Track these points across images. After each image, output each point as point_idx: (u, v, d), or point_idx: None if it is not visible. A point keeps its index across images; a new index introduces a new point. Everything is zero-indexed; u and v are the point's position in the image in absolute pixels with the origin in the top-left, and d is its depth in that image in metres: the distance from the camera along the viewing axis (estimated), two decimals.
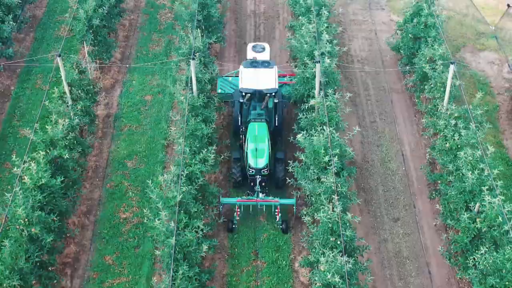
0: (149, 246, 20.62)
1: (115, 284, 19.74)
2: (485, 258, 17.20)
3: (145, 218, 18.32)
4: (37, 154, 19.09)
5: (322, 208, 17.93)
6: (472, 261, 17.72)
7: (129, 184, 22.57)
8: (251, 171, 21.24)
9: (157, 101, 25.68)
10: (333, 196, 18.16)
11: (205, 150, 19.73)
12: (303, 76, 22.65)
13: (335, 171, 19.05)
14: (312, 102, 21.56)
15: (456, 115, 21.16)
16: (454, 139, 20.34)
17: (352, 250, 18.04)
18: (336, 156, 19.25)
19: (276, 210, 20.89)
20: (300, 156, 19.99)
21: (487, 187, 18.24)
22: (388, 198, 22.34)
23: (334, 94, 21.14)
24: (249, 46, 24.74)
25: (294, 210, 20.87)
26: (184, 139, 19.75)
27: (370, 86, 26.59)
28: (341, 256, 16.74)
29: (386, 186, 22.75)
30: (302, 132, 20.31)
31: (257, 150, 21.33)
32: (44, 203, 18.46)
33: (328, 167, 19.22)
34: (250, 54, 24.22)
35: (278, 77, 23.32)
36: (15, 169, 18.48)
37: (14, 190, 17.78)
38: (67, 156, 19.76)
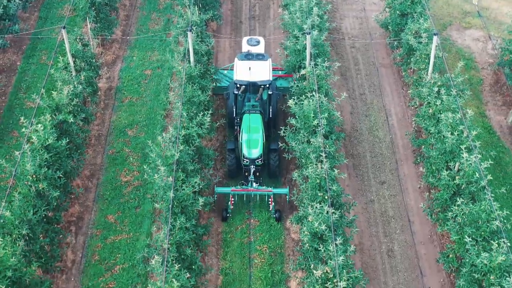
0: (148, 206, 21.85)
1: (116, 240, 20.99)
2: (462, 209, 18.48)
3: (145, 175, 19.49)
4: (43, 118, 20.34)
5: (311, 165, 19.18)
6: (450, 214, 18.99)
7: (130, 150, 23.82)
8: (245, 161, 21.72)
9: (157, 75, 26.92)
10: (321, 154, 19.40)
11: (201, 114, 20.95)
12: (295, 49, 23.91)
13: (323, 133, 20.30)
14: (303, 71, 22.80)
15: (439, 83, 22.39)
16: (436, 105, 21.59)
17: (339, 206, 19.27)
18: (325, 120, 20.52)
19: (270, 200, 21.51)
20: (291, 120, 21.23)
21: (465, 146, 19.45)
22: (375, 163, 23.60)
23: (324, 63, 22.39)
24: (244, 39, 25.28)
25: (287, 199, 21.46)
26: (181, 103, 20.98)
27: (360, 61, 27.83)
28: (327, 207, 18.01)
29: (374, 152, 24.01)
30: (293, 97, 21.58)
31: (251, 141, 21.84)
32: (51, 162, 19.70)
33: (317, 130, 20.47)
34: (245, 48, 24.66)
35: (273, 70, 24.06)
36: (23, 129, 19.70)
37: (22, 148, 19.00)
38: (72, 121, 21.01)
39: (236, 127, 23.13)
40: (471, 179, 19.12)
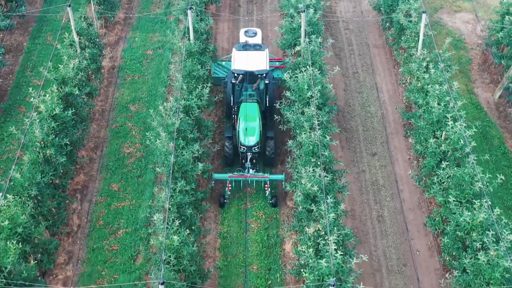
0: (150, 176, 22.90)
1: (120, 207, 22.05)
2: (447, 172, 19.55)
3: (147, 141, 20.53)
4: (50, 89, 21.41)
5: (304, 132, 20.25)
6: (436, 178, 20.05)
7: (132, 124, 24.88)
8: (242, 149, 22.24)
9: (158, 55, 27.98)
10: (314, 122, 20.47)
11: (200, 87, 22.01)
12: (291, 27, 24.98)
13: (317, 104, 21.35)
14: (298, 48, 23.86)
15: (427, 59, 23.44)
16: (424, 78, 22.65)
17: (332, 172, 20.30)
18: (318, 92, 21.57)
19: (266, 186, 22.05)
20: (286, 93, 22.28)
21: (451, 114, 20.51)
22: (367, 137, 24.66)
23: (317, 39, 23.45)
24: (242, 31, 25.85)
25: (284, 185, 21.70)
26: (182, 76, 22.05)
27: (353, 42, 28.90)
28: (320, 170, 19.06)
29: (365, 126, 25.07)
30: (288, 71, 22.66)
31: (248, 129, 22.28)
32: (58, 131, 20.77)
33: (310, 102, 21.52)
34: (243, 39, 25.29)
35: (270, 61, 24.73)
36: (32, 99, 20.75)
37: (31, 116, 20.07)
38: (77, 93, 22.08)
39: (233, 116, 23.61)
40: (456, 146, 20.18)
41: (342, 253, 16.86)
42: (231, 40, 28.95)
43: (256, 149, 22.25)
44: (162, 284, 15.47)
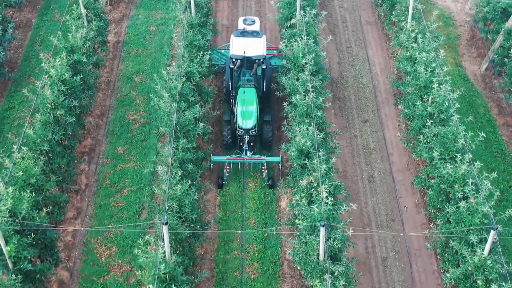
0: (154, 140, 24.21)
1: (125, 168, 23.39)
2: (431, 130, 20.88)
3: (152, 102, 21.82)
4: (60, 56, 22.72)
5: (299, 94, 21.56)
6: (422, 137, 21.37)
7: (137, 94, 26.21)
8: (240, 132, 22.82)
9: (161, 31, 29.33)
10: (307, 84, 21.78)
11: (201, 55, 23.33)
12: (287, 2, 26.29)
13: (311, 72, 22.64)
14: (293, 20, 25.16)
15: (416, 30, 24.75)
16: (413, 48, 23.97)
17: (325, 134, 21.57)
18: (312, 60, 22.87)
19: (263, 167, 22.80)
20: (282, 61, 23.60)
21: (436, 78, 21.82)
22: (359, 105, 25.98)
23: (312, 11, 24.76)
24: (240, 19, 26.60)
25: (280, 167, 22.63)
26: (183, 45, 23.38)
27: (347, 19, 30.24)
28: (312, 127, 20.37)
29: (358, 96, 26.40)
30: (284, 40, 24.00)
31: (246, 112, 22.88)
32: (67, 94, 22.08)
33: (305, 68, 22.81)
34: (241, 27, 26.07)
35: (267, 49, 25.51)
36: (43, 64, 22.07)
37: (42, 78, 21.40)
38: (85, 61, 23.40)
39: (231, 100, 24.29)
40: (442, 108, 21.49)
41: (332, 201, 18.16)
42: (230, 17, 30.27)
43: (253, 132, 22.85)
44: (165, 224, 16.75)
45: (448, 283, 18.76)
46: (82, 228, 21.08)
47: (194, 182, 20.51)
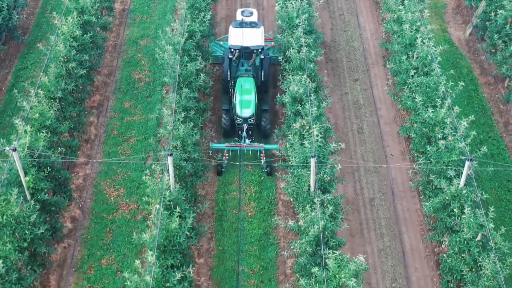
0: (158, 96, 25.93)
1: (131, 120, 25.13)
2: (415, 80, 22.62)
3: (156, 55, 23.52)
4: (71, 16, 24.43)
5: (293, 48, 23.29)
6: (406, 87, 23.11)
7: (142, 56, 27.97)
8: (238, 120, 23.28)
9: (164, 0, 31.12)
10: (301, 39, 23.50)
11: (202, 15, 25.04)
12: None
13: (304, 32, 24.35)
14: None
15: None
16: (399, 10, 25.69)
17: (317, 85, 23.26)
18: (306, 21, 24.59)
19: (261, 155, 23.23)
20: (277, 21, 25.35)
21: (420, 35, 23.55)
22: (350, 66, 27.73)
23: None
24: (238, 11, 27.40)
25: (278, 154, 22.79)
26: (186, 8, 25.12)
27: None
28: (305, 77, 22.10)
29: (349, 58, 28.15)
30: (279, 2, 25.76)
31: (245, 101, 23.34)
32: (78, 50, 23.80)
33: (299, 26, 24.48)
34: (239, 18, 26.82)
35: (265, 40, 26.02)
36: (56, 21, 23.77)
37: (55, 33, 23.14)
38: (94, 20, 25.14)
39: (230, 90, 24.72)
40: (425, 62, 23.22)
41: (323, 140, 19.87)
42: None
43: (251, 120, 23.37)
44: (170, 155, 18.45)
45: (428, 215, 20.55)
46: (95, 160, 22.86)
47: (196, 129, 22.23)
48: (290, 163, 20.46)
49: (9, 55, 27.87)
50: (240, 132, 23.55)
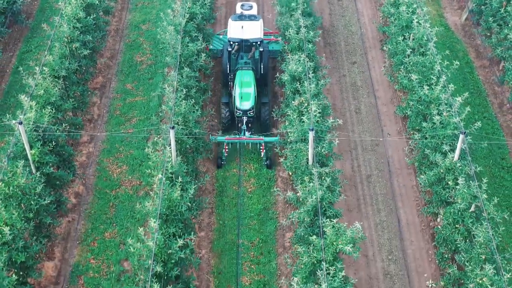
0: (159, 78, 26.44)
1: (134, 101, 25.65)
2: (411, 59, 23.14)
3: (158, 35, 24.02)
4: None
5: (291, 29, 23.81)
6: (402, 67, 23.64)
7: (144, 39, 28.49)
8: (238, 113, 23.29)
9: None
10: (299, 19, 24.03)
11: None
12: None
13: (303, 13, 24.86)
14: None
15: None
16: None
17: (315, 64, 23.72)
18: (305, 4, 25.12)
19: (261, 147, 23.25)
20: (276, 5, 25.90)
21: (416, 16, 24.08)
22: (348, 49, 28.26)
23: None
24: (238, 5, 27.46)
25: (277, 146, 22.40)
26: None
27: None
28: (304, 56, 22.61)
29: (347, 42, 28.67)
30: None
31: (244, 94, 23.37)
32: (81, 32, 24.31)
33: (296, 9, 25.00)
34: (239, 11, 26.44)
35: (265, 34, 26.14)
36: (60, 2, 24.29)
37: (59, 14, 23.66)
38: (97, 3, 25.66)
39: (230, 83, 24.68)
40: (421, 42, 23.74)
41: (320, 116, 20.39)
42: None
43: (251, 113, 23.37)
44: (172, 128, 18.94)
45: (424, 189, 21.08)
46: (99, 133, 23.39)
47: (196, 107, 22.75)
48: (289, 139, 20.98)
49: (13, 38, 28.41)
50: (239, 125, 23.69)
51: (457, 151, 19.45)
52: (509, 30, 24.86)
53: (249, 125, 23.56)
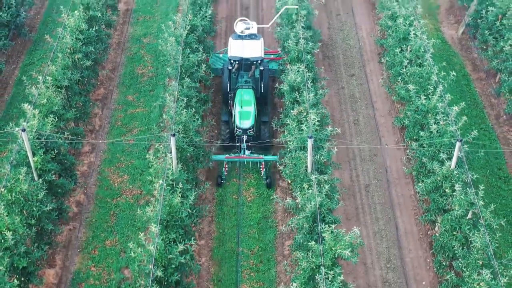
0: (160, 90, 26.76)
1: (135, 112, 25.94)
2: (408, 70, 23.51)
3: (160, 47, 24.39)
4: (78, 9, 25.37)
5: (291, 40, 24.19)
6: (400, 78, 23.99)
7: (145, 52, 28.88)
8: (238, 131, 23.31)
9: (166, 0, 32.08)
10: (299, 32, 24.42)
11: (204, 9, 26.00)
12: None
13: (303, 27, 25.25)
14: None
15: None
16: (394, 7, 26.66)
17: (314, 75, 24.01)
18: (304, 17, 25.53)
19: (261, 166, 23.24)
20: (278, 18, 26.32)
21: (413, 28, 24.48)
22: (347, 62, 28.65)
23: None
24: (238, 24, 26.69)
25: (278, 165, 22.23)
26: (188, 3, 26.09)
27: None
28: (303, 66, 22.96)
29: (345, 55, 29.07)
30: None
31: (244, 113, 23.36)
32: (83, 43, 24.69)
33: (297, 22, 25.43)
34: (239, 30, 26.47)
35: (265, 53, 26.10)
36: (62, 15, 24.70)
37: (62, 26, 24.05)
38: (99, 16, 26.08)
39: (230, 102, 24.61)
40: (418, 54, 24.12)
41: (319, 125, 20.67)
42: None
43: (251, 132, 23.33)
44: (173, 136, 19.21)
45: (421, 197, 21.30)
46: (100, 141, 23.64)
47: (197, 115, 23.00)
48: (288, 148, 21.25)
49: (16, 51, 28.80)
50: (239, 144, 23.69)
51: (454, 159, 19.69)
52: (505, 43, 25.28)
53: (249, 144, 23.46)
